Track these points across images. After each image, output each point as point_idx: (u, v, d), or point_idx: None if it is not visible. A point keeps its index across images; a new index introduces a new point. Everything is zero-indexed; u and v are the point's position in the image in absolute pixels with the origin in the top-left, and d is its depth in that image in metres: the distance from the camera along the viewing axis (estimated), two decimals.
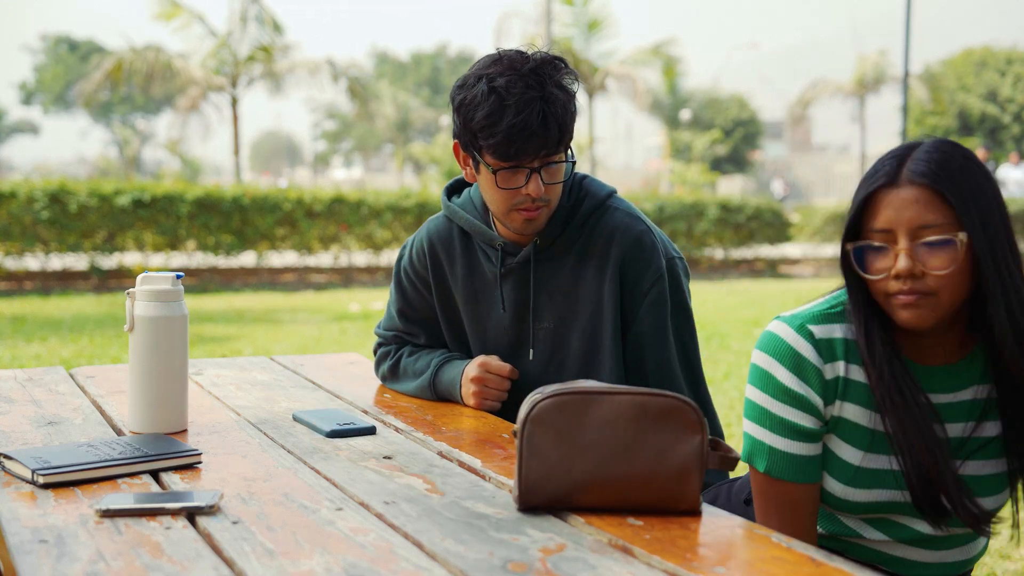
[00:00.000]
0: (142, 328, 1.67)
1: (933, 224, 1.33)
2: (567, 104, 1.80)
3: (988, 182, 1.36)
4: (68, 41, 59.84)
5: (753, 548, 1.16)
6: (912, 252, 1.33)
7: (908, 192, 1.34)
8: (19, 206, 10.93)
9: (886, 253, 1.36)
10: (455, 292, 2.01)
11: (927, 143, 1.38)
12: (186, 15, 17.95)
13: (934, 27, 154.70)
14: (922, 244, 1.33)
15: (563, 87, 1.80)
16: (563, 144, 1.82)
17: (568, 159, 1.85)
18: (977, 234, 1.32)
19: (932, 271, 1.33)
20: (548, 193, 1.83)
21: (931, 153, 1.35)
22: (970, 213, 1.32)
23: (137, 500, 1.27)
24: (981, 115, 34.12)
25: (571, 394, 1.28)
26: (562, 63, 1.83)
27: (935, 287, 1.33)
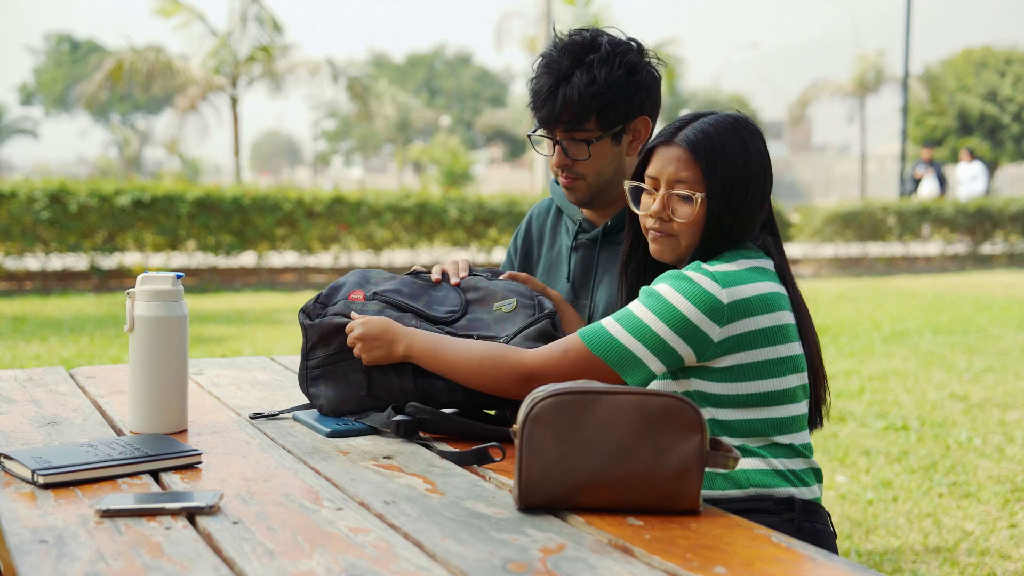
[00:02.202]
0: (142, 328, 1.67)
1: (684, 180, 1.63)
2: (588, 85, 1.88)
3: (746, 160, 1.62)
4: (69, 41, 59.84)
5: (753, 548, 1.16)
6: (666, 199, 1.65)
7: (674, 151, 1.64)
8: (19, 206, 10.93)
9: (651, 196, 1.67)
10: (539, 261, 2.17)
11: (711, 117, 1.65)
12: (186, 13, 17.95)
13: (934, 27, 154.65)
14: (674, 194, 1.64)
15: (590, 67, 1.89)
16: (579, 121, 1.91)
17: (596, 138, 1.93)
18: (714, 196, 1.61)
19: (676, 218, 1.64)
20: (579, 168, 1.96)
21: (705, 125, 1.63)
22: (714, 179, 1.61)
23: (137, 500, 1.27)
24: (980, 115, 34.11)
25: (570, 394, 1.28)
26: (603, 46, 1.91)
27: (676, 231, 1.65)
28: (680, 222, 1.63)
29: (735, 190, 1.61)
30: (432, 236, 13.58)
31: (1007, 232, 17.82)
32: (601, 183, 1.98)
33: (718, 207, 1.61)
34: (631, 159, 2.00)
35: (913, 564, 3.16)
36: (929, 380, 6.30)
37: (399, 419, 1.70)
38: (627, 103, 1.92)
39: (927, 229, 16.57)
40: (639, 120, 1.97)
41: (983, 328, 8.81)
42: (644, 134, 1.99)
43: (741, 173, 1.62)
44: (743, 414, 1.59)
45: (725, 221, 1.62)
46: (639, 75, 1.93)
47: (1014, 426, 5.04)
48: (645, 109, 1.97)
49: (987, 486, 3.98)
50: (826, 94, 31.66)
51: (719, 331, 1.54)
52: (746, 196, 1.63)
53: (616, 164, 1.98)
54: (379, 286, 1.89)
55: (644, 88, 1.94)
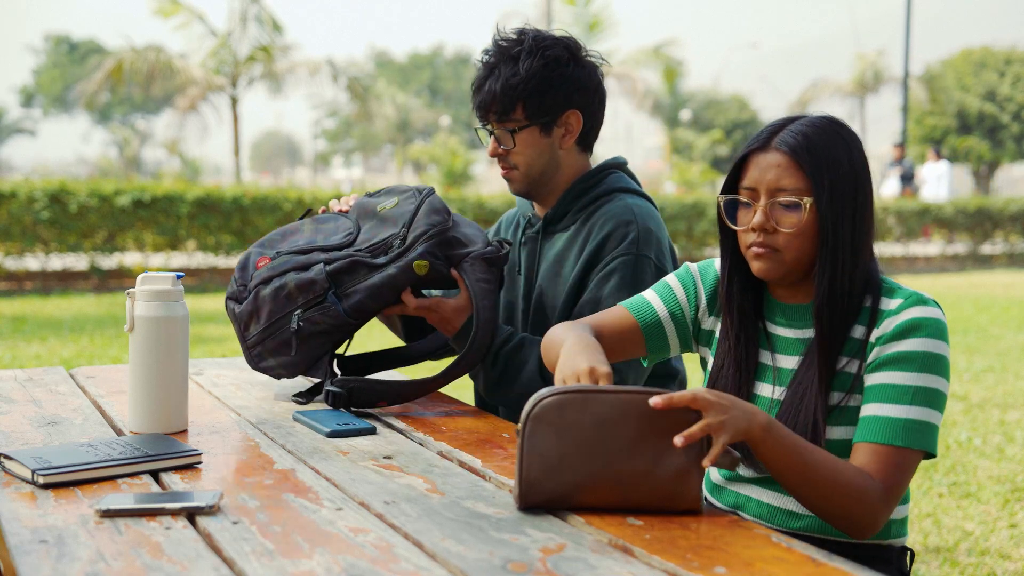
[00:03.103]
0: (142, 328, 1.67)
1: (788, 188, 1.48)
2: (511, 76, 1.99)
3: (851, 162, 1.49)
4: (68, 42, 59.84)
5: (753, 548, 1.16)
6: (768, 210, 1.50)
7: (773, 157, 1.50)
8: (19, 206, 10.93)
9: (749, 209, 1.52)
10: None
11: (806, 118, 1.53)
12: (185, 13, 17.95)
13: (934, 27, 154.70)
14: (777, 203, 1.49)
15: (515, 60, 2.00)
16: (506, 110, 2.02)
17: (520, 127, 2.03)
18: (823, 203, 1.47)
19: (782, 229, 1.49)
20: (512, 158, 2.07)
21: (802, 127, 1.50)
22: (821, 183, 1.47)
23: (137, 500, 1.27)
24: (979, 114, 34.11)
25: (572, 392, 1.28)
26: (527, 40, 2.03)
27: (782, 244, 1.49)
28: (786, 232, 1.48)
29: (845, 195, 1.48)
30: None
31: (1007, 232, 17.83)
32: (533, 173, 2.09)
33: (830, 214, 1.47)
34: (566, 153, 2.10)
35: (913, 564, 3.16)
36: None
37: (330, 390, 1.87)
38: (551, 93, 2.03)
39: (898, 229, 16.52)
40: (570, 114, 2.06)
41: (983, 328, 8.81)
42: (576, 128, 2.08)
43: (848, 177, 1.48)
44: None
45: (843, 231, 1.47)
46: (564, 68, 2.03)
47: (1014, 426, 5.04)
48: (574, 103, 2.06)
49: (987, 486, 3.98)
50: (826, 94, 31.68)
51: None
52: (856, 202, 1.48)
53: (548, 156, 2.08)
54: (278, 245, 2.02)
55: (570, 81, 2.04)
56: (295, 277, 1.93)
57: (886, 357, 1.46)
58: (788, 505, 1.54)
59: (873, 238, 1.53)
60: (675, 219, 14.73)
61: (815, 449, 1.38)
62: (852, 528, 1.40)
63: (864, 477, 1.39)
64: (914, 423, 1.42)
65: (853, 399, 1.49)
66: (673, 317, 1.67)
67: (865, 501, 1.38)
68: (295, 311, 1.91)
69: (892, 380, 1.45)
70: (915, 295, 1.49)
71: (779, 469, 1.36)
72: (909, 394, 1.43)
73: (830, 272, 1.48)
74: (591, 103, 2.09)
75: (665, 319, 1.67)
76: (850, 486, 1.37)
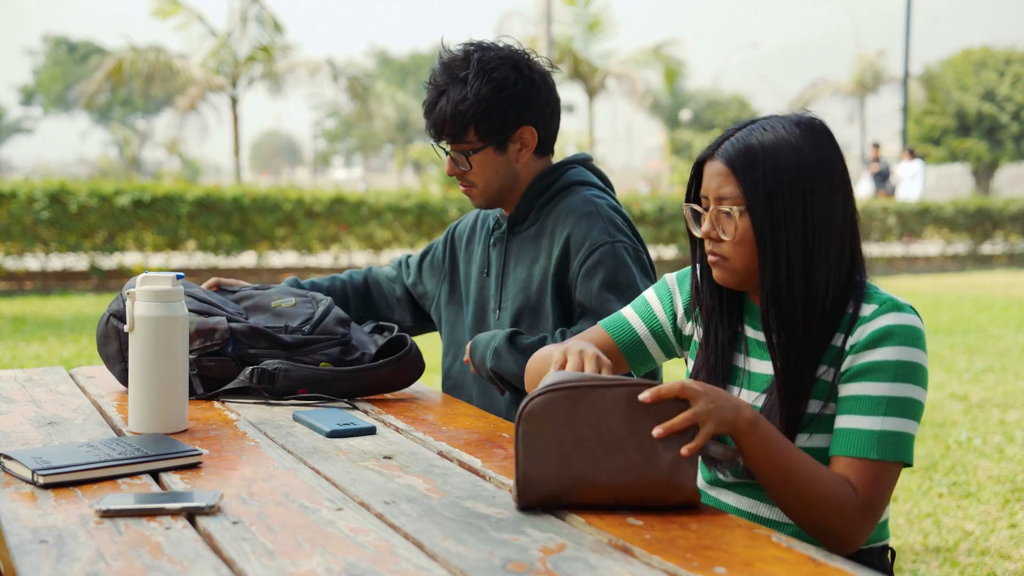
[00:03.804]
0: (142, 328, 1.67)
1: (726, 196, 1.48)
2: (460, 101, 2.00)
3: (801, 166, 1.44)
4: (67, 43, 59.84)
5: (753, 548, 1.16)
6: (714, 218, 1.50)
7: (715, 166, 1.50)
8: (19, 206, 10.93)
9: (703, 217, 1.53)
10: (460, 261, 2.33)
11: (762, 122, 1.50)
12: (185, 13, 17.94)
13: (934, 27, 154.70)
14: (720, 212, 1.49)
15: (463, 83, 2.00)
16: (458, 134, 2.03)
17: (474, 149, 2.04)
18: (757, 210, 1.45)
19: (724, 237, 1.49)
20: (469, 176, 2.09)
21: (748, 133, 1.49)
22: (755, 191, 1.45)
23: (137, 500, 1.27)
24: (978, 114, 34.11)
25: (562, 389, 1.28)
26: (473, 63, 2.01)
27: (728, 252, 1.49)
28: (728, 240, 1.48)
29: (789, 201, 1.44)
30: (432, 236, 13.58)
31: (1007, 232, 17.83)
32: (491, 190, 2.11)
33: (768, 221, 1.44)
34: (524, 165, 2.11)
35: (913, 564, 3.16)
36: (929, 380, 6.30)
37: (253, 368, 1.94)
38: (501, 115, 2.03)
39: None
40: (524, 130, 2.07)
41: (983, 328, 8.81)
42: (532, 142, 2.09)
43: (794, 182, 1.44)
44: None
45: (785, 238, 1.44)
46: (513, 88, 2.02)
47: (1014, 426, 5.04)
48: (526, 119, 2.06)
49: (987, 486, 3.98)
50: (826, 94, 31.67)
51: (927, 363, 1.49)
52: (809, 207, 1.44)
53: (505, 171, 2.10)
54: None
55: (520, 99, 2.03)
56: (196, 319, 1.98)
57: (859, 367, 1.44)
58: (765, 513, 1.54)
59: (849, 243, 1.49)
60: (675, 219, 14.73)
61: (800, 452, 1.38)
62: (831, 540, 1.39)
63: (845, 487, 1.39)
64: (889, 435, 1.41)
65: (829, 408, 1.48)
66: (653, 333, 1.69)
67: (845, 511, 1.37)
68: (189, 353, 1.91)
69: (865, 391, 1.43)
70: (890, 301, 1.47)
71: (762, 467, 1.36)
72: (883, 405, 1.41)
73: (771, 279, 1.46)
74: (543, 115, 2.08)
75: (645, 336, 1.69)
76: (832, 494, 1.37)
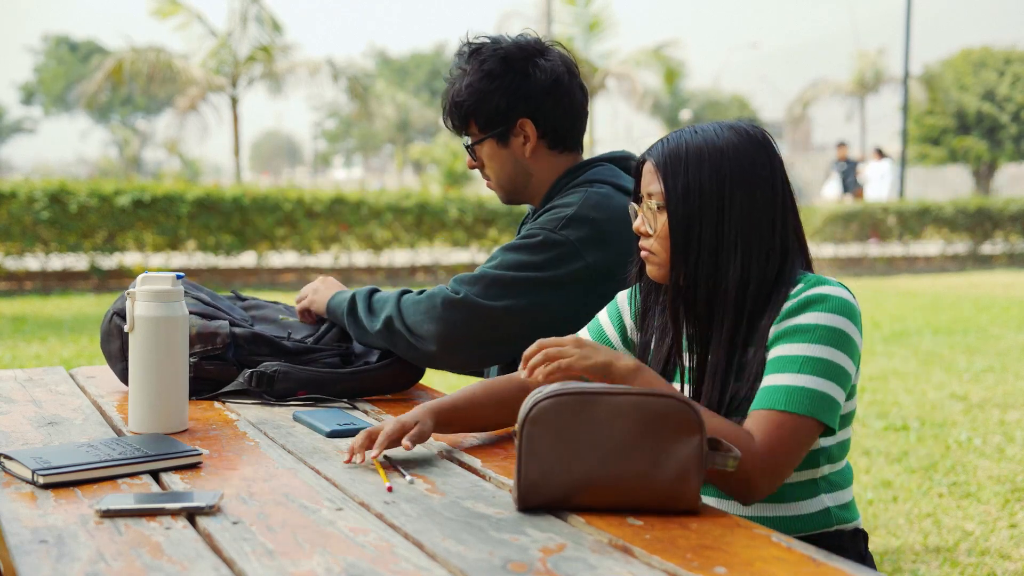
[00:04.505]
0: (142, 328, 1.67)
1: (653, 193, 1.55)
2: (456, 95, 2.04)
3: (719, 168, 1.51)
4: (68, 42, 59.83)
5: (753, 548, 1.16)
6: (644, 214, 1.58)
7: (648, 165, 1.58)
8: (19, 206, 10.93)
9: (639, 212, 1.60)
10: None
11: (699, 125, 1.57)
12: (184, 13, 17.93)
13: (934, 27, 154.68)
14: (648, 208, 1.57)
15: (461, 77, 2.04)
16: (462, 127, 2.07)
17: (476, 141, 2.06)
18: (674, 209, 1.52)
19: (649, 231, 1.57)
20: (485, 171, 2.12)
21: (677, 135, 1.56)
22: (674, 189, 1.52)
23: (137, 500, 1.27)
24: (978, 114, 34.10)
25: (569, 395, 1.28)
26: (465, 55, 2.05)
27: (654, 247, 1.56)
28: (654, 235, 1.55)
29: (702, 199, 1.50)
30: (432, 236, 13.59)
31: (1007, 232, 17.82)
32: (504, 183, 2.12)
33: (682, 218, 1.51)
34: (536, 159, 2.10)
35: (913, 564, 3.16)
36: (929, 380, 6.30)
37: (252, 371, 1.95)
38: (491, 105, 2.03)
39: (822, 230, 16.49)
40: (522, 123, 2.06)
41: (983, 328, 8.81)
42: (533, 135, 2.07)
43: (710, 180, 1.50)
44: (836, 438, 1.54)
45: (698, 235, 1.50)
46: (500, 80, 2.02)
47: (1014, 426, 5.04)
48: (520, 111, 2.05)
49: (987, 486, 3.98)
50: (826, 94, 31.67)
51: (861, 340, 1.49)
52: (726, 206, 1.50)
53: (512, 166, 2.10)
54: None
55: (509, 92, 2.03)
56: (199, 322, 1.99)
57: (781, 332, 1.47)
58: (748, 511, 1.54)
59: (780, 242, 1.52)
60: None
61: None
62: (729, 487, 1.40)
63: (744, 434, 1.39)
64: (800, 390, 1.41)
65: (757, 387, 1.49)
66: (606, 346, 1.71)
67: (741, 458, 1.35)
68: (189, 356, 1.91)
69: (784, 352, 1.45)
70: (818, 278, 1.50)
71: None
72: (798, 363, 1.43)
73: (681, 272, 1.53)
74: (542, 107, 2.05)
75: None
76: (727, 438, 1.36)
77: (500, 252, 2.00)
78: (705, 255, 1.51)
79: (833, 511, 1.54)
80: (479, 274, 1.97)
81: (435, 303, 1.95)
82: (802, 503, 1.53)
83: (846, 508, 1.57)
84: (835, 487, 1.56)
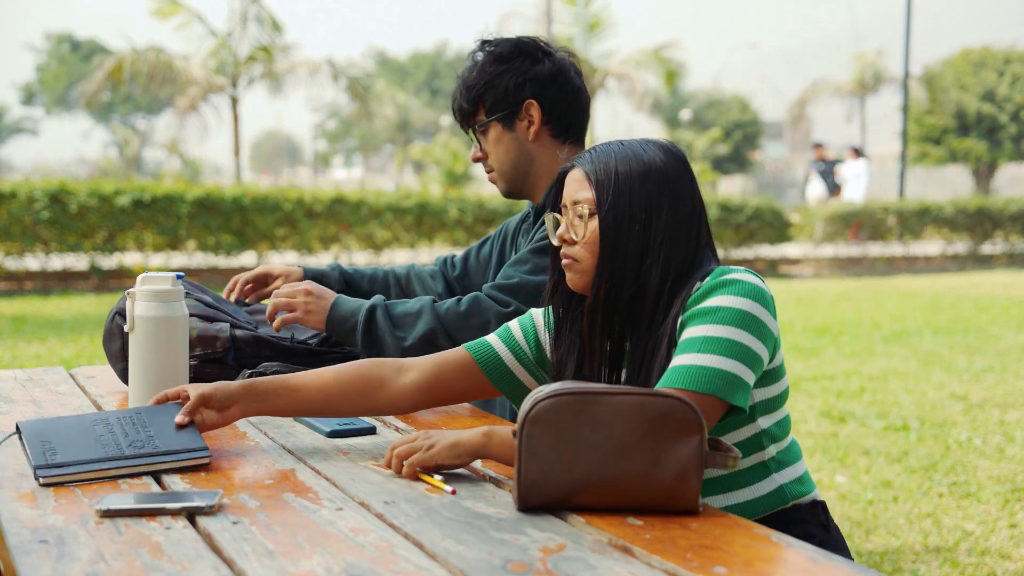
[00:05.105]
0: (142, 328, 1.67)
1: (581, 199, 1.57)
2: (466, 81, 2.10)
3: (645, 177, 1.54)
4: (70, 40, 59.82)
5: (753, 548, 1.16)
6: (569, 221, 1.59)
7: (576, 173, 1.60)
8: (19, 206, 10.93)
9: (561, 222, 1.62)
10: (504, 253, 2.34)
11: (618, 141, 1.60)
12: (184, 13, 17.93)
13: (934, 27, 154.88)
14: (575, 215, 1.58)
15: (476, 61, 2.10)
16: (470, 113, 2.12)
17: (481, 123, 2.11)
18: (605, 213, 1.54)
19: (576, 239, 1.57)
20: (489, 160, 2.15)
21: (605, 146, 1.59)
22: (605, 195, 1.54)
23: (137, 500, 1.27)
24: (978, 114, 34.10)
25: (569, 395, 1.28)
26: (476, 46, 2.12)
27: (579, 254, 1.57)
28: (579, 241, 1.57)
29: (632, 206, 1.53)
30: (432, 236, 13.59)
31: (1007, 232, 17.83)
32: (507, 169, 2.15)
33: (612, 225, 1.53)
34: (539, 146, 2.13)
35: (913, 564, 3.16)
36: (929, 380, 6.30)
37: (251, 372, 1.95)
38: (500, 85, 2.09)
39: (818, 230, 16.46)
40: (528, 104, 2.10)
41: (983, 328, 8.81)
42: (538, 118, 2.11)
43: (639, 188, 1.54)
44: (775, 418, 1.56)
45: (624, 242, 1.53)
46: (511, 62, 2.09)
47: (1014, 426, 5.04)
48: (527, 93, 2.09)
49: (987, 486, 3.98)
50: (826, 94, 31.66)
51: (775, 324, 1.51)
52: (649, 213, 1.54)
53: (517, 150, 2.13)
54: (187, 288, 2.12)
55: (518, 72, 2.09)
56: (199, 325, 1.99)
57: (687, 316, 1.49)
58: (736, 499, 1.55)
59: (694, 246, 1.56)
60: None
61: None
62: None
63: None
64: (700, 368, 1.42)
65: None
66: (518, 358, 1.71)
67: None
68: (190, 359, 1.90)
69: (689, 335, 1.46)
70: (727, 268, 1.51)
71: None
72: (699, 343, 1.44)
73: (607, 273, 1.54)
74: (548, 91, 2.10)
75: (510, 361, 1.71)
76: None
77: (530, 255, 2.02)
78: (631, 261, 1.54)
79: (787, 487, 1.56)
80: (518, 282, 1.99)
81: (487, 317, 1.98)
82: (755, 487, 1.55)
83: (799, 482, 1.58)
84: (783, 464, 1.57)
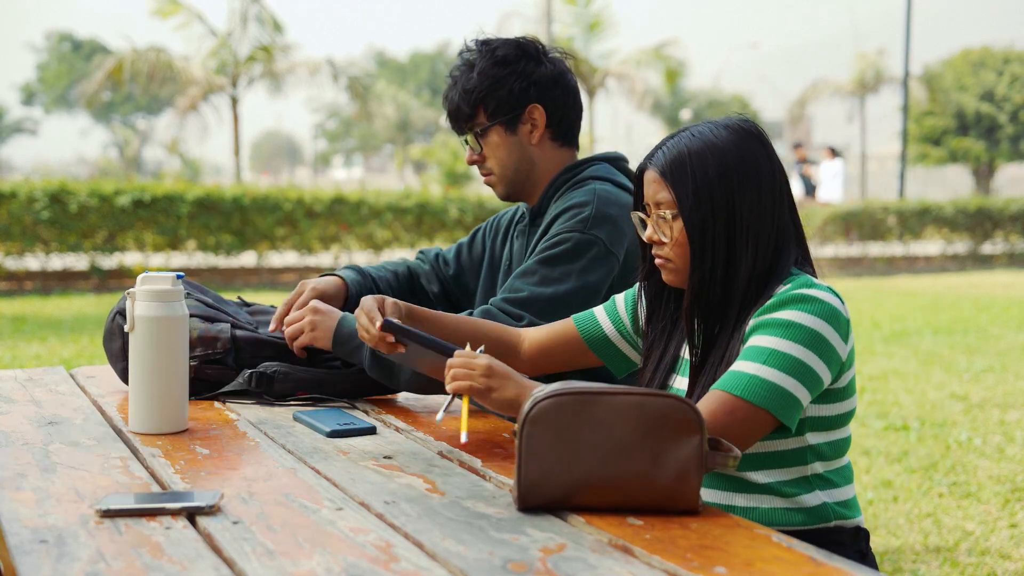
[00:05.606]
0: (142, 328, 1.67)
1: (662, 202, 1.57)
2: (466, 83, 2.06)
3: (722, 166, 1.53)
4: (71, 40, 59.80)
5: (753, 548, 1.16)
6: (654, 223, 1.59)
7: (651, 174, 1.58)
8: (19, 206, 10.93)
9: (648, 222, 1.61)
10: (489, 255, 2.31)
11: (694, 127, 1.58)
12: (185, 13, 17.93)
13: (934, 27, 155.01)
14: (659, 217, 1.58)
15: (469, 68, 2.06)
16: (469, 116, 2.07)
17: (482, 127, 2.07)
18: (689, 215, 1.53)
19: (664, 240, 1.58)
20: (487, 163, 2.11)
21: (678, 138, 1.57)
22: (686, 196, 1.53)
23: (137, 500, 1.27)
24: (977, 114, 34.10)
25: (570, 394, 1.28)
26: (475, 46, 2.08)
27: (671, 255, 1.58)
28: (668, 243, 1.57)
29: (713, 201, 1.52)
30: (432, 236, 13.59)
31: (1007, 232, 17.83)
32: (508, 173, 2.12)
33: (696, 221, 1.53)
34: (540, 149, 2.11)
35: (913, 564, 3.16)
36: (929, 380, 6.30)
37: (252, 372, 1.94)
38: (504, 89, 2.06)
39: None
40: (532, 108, 2.08)
41: (983, 328, 8.81)
42: (541, 122, 2.10)
43: (718, 182, 1.53)
44: (828, 436, 1.55)
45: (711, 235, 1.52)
46: (514, 65, 2.06)
47: (1014, 426, 5.04)
48: (532, 97, 2.08)
49: (987, 486, 3.98)
50: (826, 94, 31.65)
51: (845, 348, 1.50)
52: (733, 203, 1.53)
53: (519, 153, 2.11)
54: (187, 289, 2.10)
55: (523, 76, 2.06)
56: (200, 326, 1.99)
57: (758, 323, 1.49)
58: (741, 503, 1.54)
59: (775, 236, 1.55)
60: None
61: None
62: None
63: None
64: (760, 380, 1.42)
65: None
66: (621, 334, 1.76)
67: None
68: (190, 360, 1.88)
69: (755, 343, 1.47)
70: (808, 280, 1.51)
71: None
72: (764, 355, 1.44)
73: (699, 275, 1.55)
74: (552, 95, 2.09)
75: (613, 335, 1.76)
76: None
77: (537, 266, 1.98)
78: (721, 255, 1.54)
79: (831, 507, 1.55)
80: (528, 296, 1.94)
81: None
82: (799, 498, 1.54)
83: (845, 506, 1.57)
84: (831, 484, 1.56)
